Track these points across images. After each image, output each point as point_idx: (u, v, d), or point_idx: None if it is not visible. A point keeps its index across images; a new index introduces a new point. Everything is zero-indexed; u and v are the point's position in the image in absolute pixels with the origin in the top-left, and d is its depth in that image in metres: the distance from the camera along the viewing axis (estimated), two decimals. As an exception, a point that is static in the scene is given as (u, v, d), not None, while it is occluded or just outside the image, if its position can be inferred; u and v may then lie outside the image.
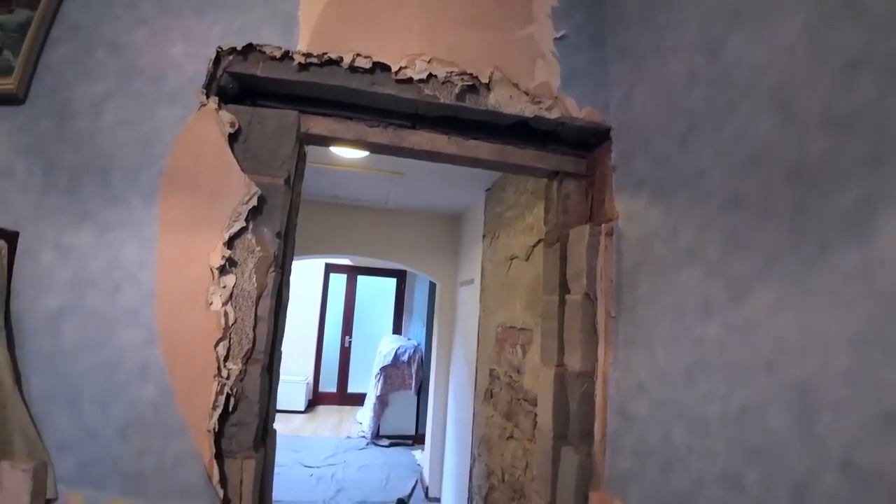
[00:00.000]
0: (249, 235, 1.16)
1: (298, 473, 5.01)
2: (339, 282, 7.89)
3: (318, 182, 3.63)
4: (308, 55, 1.27)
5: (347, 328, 7.79)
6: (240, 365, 1.06)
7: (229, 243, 1.13)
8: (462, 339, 3.92)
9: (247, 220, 1.16)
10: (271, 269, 1.17)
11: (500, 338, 2.54)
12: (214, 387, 1.04)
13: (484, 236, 3.33)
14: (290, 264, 1.37)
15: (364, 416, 6.67)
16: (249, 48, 1.27)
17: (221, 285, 1.12)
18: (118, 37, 1.22)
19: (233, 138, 1.23)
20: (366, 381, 7.22)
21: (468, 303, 3.69)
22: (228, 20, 1.30)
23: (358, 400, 7.34)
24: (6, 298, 1.02)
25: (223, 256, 1.12)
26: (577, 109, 1.39)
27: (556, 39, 1.45)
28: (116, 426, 1.05)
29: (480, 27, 1.39)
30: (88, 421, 1.04)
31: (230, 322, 1.08)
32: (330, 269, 7.78)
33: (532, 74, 1.38)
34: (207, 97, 1.23)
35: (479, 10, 1.41)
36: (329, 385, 7.66)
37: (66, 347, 1.05)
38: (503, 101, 1.34)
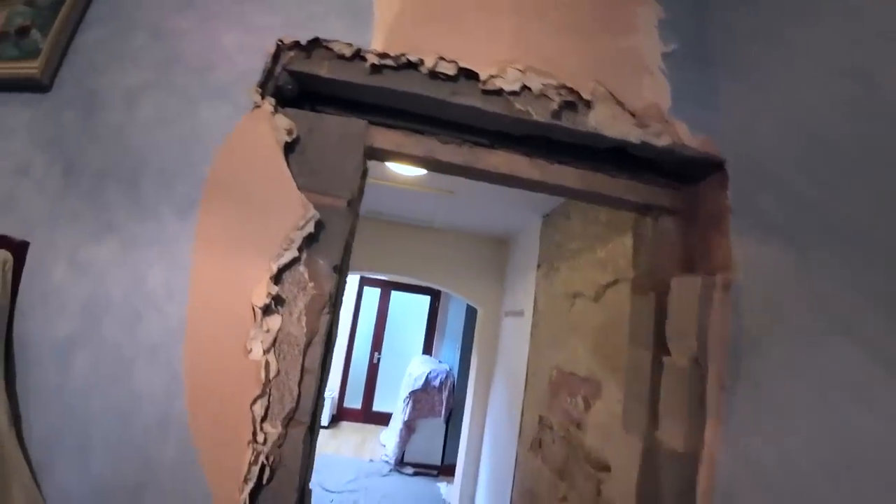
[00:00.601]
0: (302, 268, 0.97)
1: (318, 498, 4.80)
2: (372, 296, 7.72)
3: (371, 197, 3.48)
4: (383, 55, 1.09)
5: (377, 344, 7.58)
6: (279, 428, 0.87)
7: (277, 277, 0.94)
8: (505, 374, 3.65)
9: (300, 249, 0.97)
10: (325, 311, 0.97)
11: (554, 381, 2.29)
12: (248, 455, 0.84)
13: (539, 266, 3.09)
14: (342, 299, 1.18)
15: (388, 438, 6.40)
16: (315, 43, 1.10)
17: (264, 328, 0.92)
18: (163, 20, 1.08)
19: (288, 148, 1.06)
20: (392, 400, 6.98)
21: (515, 336, 3.44)
22: (293, 8, 1.14)
23: (382, 419, 7.10)
24: (8, 320, 0.86)
25: (269, 293, 0.93)
26: (689, 137, 1.16)
27: (664, 54, 1.23)
28: (128, 486, 0.86)
29: (578, 35, 1.19)
30: (97, 475, 0.86)
31: (271, 374, 0.88)
32: (364, 282, 7.65)
33: (639, 93, 1.17)
34: (263, 97, 1.07)
35: (576, 16, 1.22)
36: (354, 401, 7.44)
37: (76, 383, 0.88)
38: (605, 122, 1.13)
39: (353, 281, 7.51)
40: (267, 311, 0.93)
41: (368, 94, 1.14)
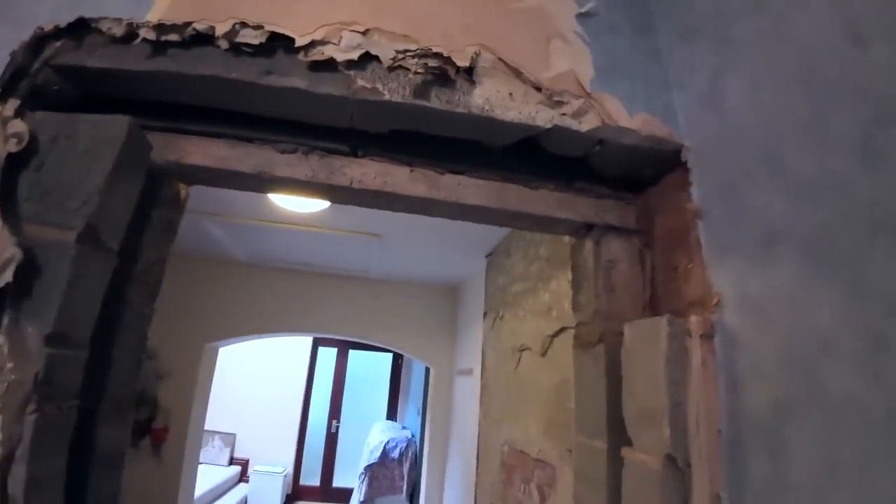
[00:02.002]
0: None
1: None
2: (327, 357, 7.05)
3: (279, 244, 3.06)
4: (161, 28, 0.73)
5: (336, 411, 6.84)
6: None
7: None
8: (459, 445, 3.11)
9: None
10: (31, 407, 0.56)
11: (506, 462, 1.82)
12: None
13: (485, 315, 2.66)
14: (124, 393, 0.76)
15: (346, 522, 5.63)
16: (81, 26, 0.76)
17: None
18: None
19: (19, 163, 0.67)
20: (354, 473, 6.24)
21: (467, 399, 2.94)
22: None
23: (345, 496, 6.24)
24: None
25: None
26: (625, 117, 0.81)
27: (580, 15, 0.90)
28: None
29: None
30: None
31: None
32: (318, 342, 7.02)
33: (546, 60, 0.82)
34: (5, 99, 0.72)
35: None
36: (312, 478, 6.58)
37: None
38: (497, 101, 0.76)
39: (306, 342, 6.88)
40: None
41: (150, 84, 0.77)
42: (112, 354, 0.77)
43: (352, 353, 7.09)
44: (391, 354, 7.12)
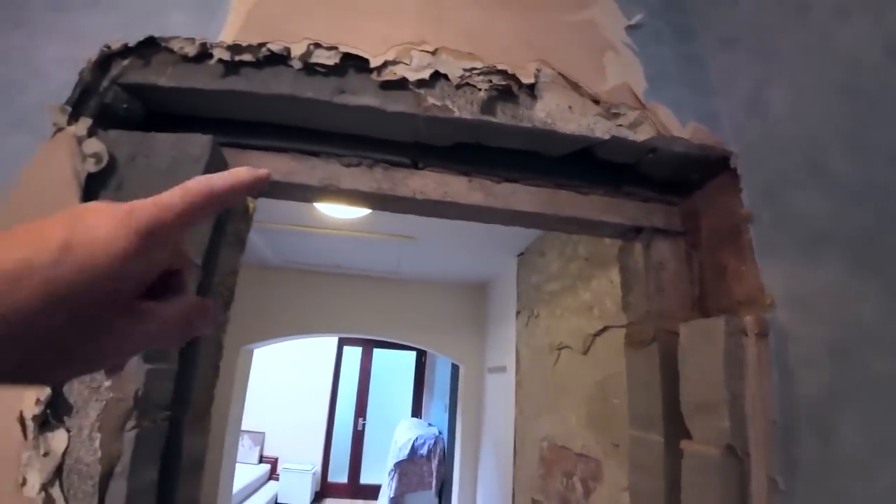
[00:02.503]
0: None
1: None
2: (352, 356, 7.16)
3: (314, 248, 3.13)
4: (235, 48, 0.78)
5: (361, 409, 6.93)
6: None
7: None
8: (493, 442, 3.15)
9: None
10: (130, 424, 0.61)
11: (545, 457, 1.86)
12: None
13: (518, 313, 2.69)
14: (205, 401, 0.81)
15: (377, 518, 5.72)
16: (150, 45, 0.81)
17: (41, 451, 0.60)
18: None
19: (98, 182, 0.73)
20: (381, 470, 6.33)
21: (500, 397, 2.98)
22: (129, 7, 0.85)
23: (372, 492, 6.36)
24: None
25: (39, 398, 0.61)
26: (677, 126, 0.85)
27: (629, 27, 0.94)
28: None
29: (512, 4, 0.89)
30: None
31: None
32: (343, 341, 7.13)
33: (602, 73, 0.86)
34: (76, 118, 0.77)
35: (509, -13, 0.92)
36: (339, 475, 6.70)
37: None
38: (558, 114, 0.81)
39: (331, 341, 6.98)
40: (45, 424, 0.61)
41: (224, 104, 0.82)
42: (196, 365, 0.81)
43: (376, 351, 7.16)
44: (415, 352, 7.18)
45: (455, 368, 4.58)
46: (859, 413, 0.61)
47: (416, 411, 7.16)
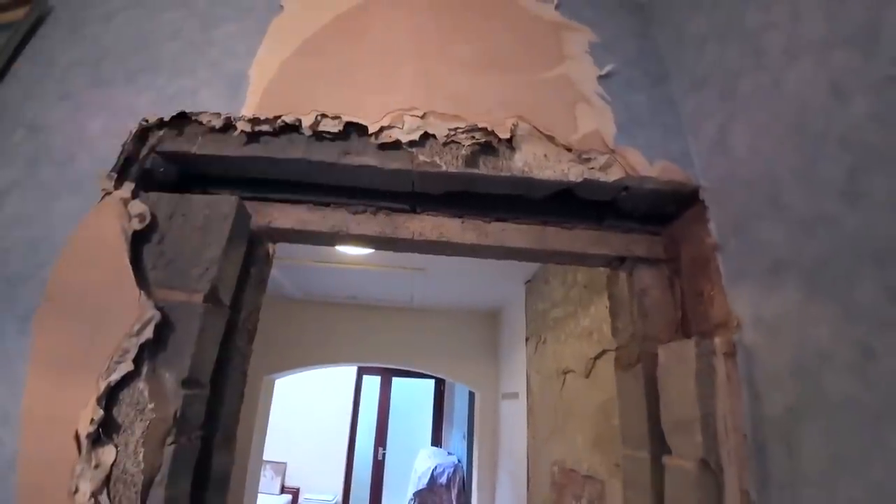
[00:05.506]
0: (142, 384, 0.74)
1: None
2: (372, 385, 7.22)
3: (330, 282, 3.25)
4: (255, 121, 0.91)
5: (381, 438, 6.97)
6: None
7: (110, 397, 0.72)
8: (508, 468, 3.18)
9: (137, 360, 0.74)
10: (169, 440, 0.71)
11: (557, 481, 1.90)
12: None
13: (527, 339, 2.76)
14: (231, 423, 0.91)
15: (399, 548, 5.67)
16: (182, 119, 0.95)
17: (93, 463, 0.69)
18: (39, 116, 0.98)
19: (142, 238, 0.85)
20: (402, 499, 6.29)
21: (514, 422, 3.02)
22: (162, 86, 1.01)
23: (393, 523, 6.38)
24: None
25: (93, 418, 0.70)
26: (645, 166, 0.94)
27: (601, 77, 1.05)
28: None
29: (492, 70, 1.01)
30: None
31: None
32: (362, 371, 7.20)
33: (573, 123, 0.96)
34: (121, 183, 0.89)
35: (490, 49, 1.04)
36: (360, 504, 6.75)
37: None
38: (535, 163, 0.91)
39: (351, 371, 7.06)
40: (96, 440, 0.70)
41: (247, 167, 0.95)
42: (224, 390, 0.92)
43: (395, 380, 7.19)
44: (433, 381, 7.19)
45: (472, 396, 4.60)
46: (820, 429, 0.65)
47: (436, 440, 7.13)
